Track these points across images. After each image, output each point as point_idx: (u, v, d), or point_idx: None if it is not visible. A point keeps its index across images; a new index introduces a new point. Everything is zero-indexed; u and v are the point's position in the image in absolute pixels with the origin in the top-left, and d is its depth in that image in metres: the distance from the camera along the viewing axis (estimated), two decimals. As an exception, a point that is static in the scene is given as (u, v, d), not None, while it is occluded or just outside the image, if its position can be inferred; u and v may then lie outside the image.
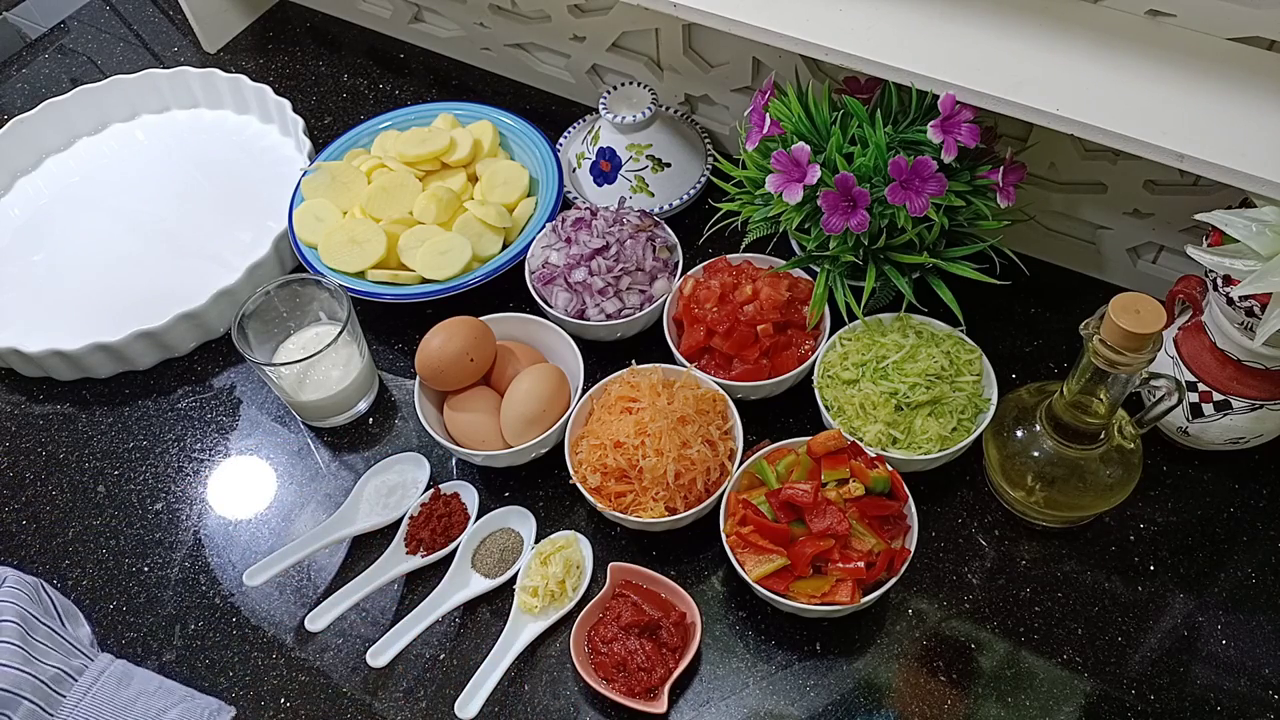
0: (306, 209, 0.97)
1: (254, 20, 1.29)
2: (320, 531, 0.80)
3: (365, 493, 0.84)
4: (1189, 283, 0.76)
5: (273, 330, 0.89)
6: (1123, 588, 0.76)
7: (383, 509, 0.83)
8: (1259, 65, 0.72)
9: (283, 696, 0.75)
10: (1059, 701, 0.71)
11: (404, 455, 0.86)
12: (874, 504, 0.71)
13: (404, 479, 0.84)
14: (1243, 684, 0.71)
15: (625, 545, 0.81)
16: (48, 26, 1.33)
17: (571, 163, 1.03)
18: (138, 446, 0.91)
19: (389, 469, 0.85)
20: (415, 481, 0.84)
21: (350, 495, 0.83)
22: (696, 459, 0.76)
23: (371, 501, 0.83)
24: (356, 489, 0.83)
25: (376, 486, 0.84)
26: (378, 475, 0.85)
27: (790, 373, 0.82)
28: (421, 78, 1.20)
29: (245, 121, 1.15)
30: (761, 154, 0.82)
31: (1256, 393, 0.73)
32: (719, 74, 1.00)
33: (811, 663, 0.74)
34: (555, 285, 0.89)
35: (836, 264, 0.81)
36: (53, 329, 0.95)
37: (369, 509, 0.83)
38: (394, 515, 0.82)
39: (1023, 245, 0.92)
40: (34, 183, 1.11)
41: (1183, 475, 0.81)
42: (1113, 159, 0.83)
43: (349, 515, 0.82)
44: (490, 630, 0.77)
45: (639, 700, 0.71)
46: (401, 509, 0.82)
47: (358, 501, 0.83)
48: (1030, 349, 0.89)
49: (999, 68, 0.74)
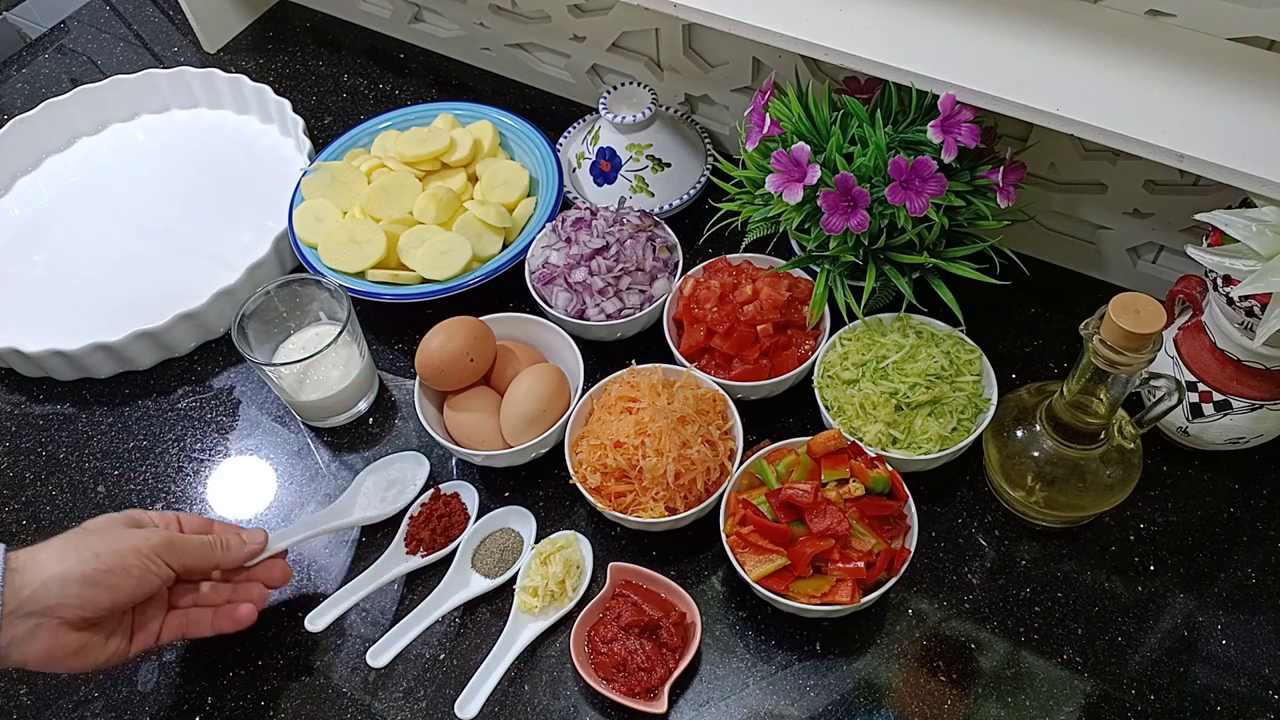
0: (306, 209, 0.97)
1: (254, 20, 1.29)
2: (315, 520, 0.79)
3: (364, 487, 0.83)
4: (1189, 283, 0.76)
5: (273, 330, 0.89)
6: (1123, 588, 0.76)
7: (380, 502, 0.82)
8: (1259, 65, 0.72)
9: (283, 696, 0.75)
10: (1059, 701, 0.71)
11: (404, 454, 0.86)
12: (874, 504, 0.71)
13: (403, 475, 0.84)
14: (1243, 684, 0.71)
15: (625, 545, 0.81)
16: (48, 26, 1.33)
17: (571, 163, 1.03)
18: (138, 446, 0.91)
19: (389, 466, 0.85)
20: (414, 478, 0.84)
21: (348, 489, 0.83)
22: (696, 459, 0.76)
23: (370, 495, 0.83)
24: (355, 483, 0.83)
25: (375, 481, 0.84)
26: (376, 472, 0.84)
27: (790, 373, 0.82)
28: (421, 78, 1.20)
29: (245, 121, 1.15)
30: (761, 154, 0.82)
31: (1256, 393, 0.73)
32: (719, 74, 1.00)
33: (811, 663, 0.74)
34: (555, 285, 0.89)
35: (836, 264, 0.81)
36: (53, 329, 0.95)
37: (366, 502, 0.82)
38: (391, 509, 0.82)
39: (1023, 245, 0.92)
40: (34, 183, 1.11)
41: (1183, 475, 0.81)
42: (1113, 159, 0.83)
43: (346, 507, 0.82)
44: (490, 630, 0.77)
45: (639, 700, 0.71)
46: (399, 503, 0.82)
47: (355, 495, 0.83)
48: (1030, 349, 0.89)
49: (999, 68, 0.74)
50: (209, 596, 0.73)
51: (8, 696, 0.77)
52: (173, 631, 0.71)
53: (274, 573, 0.76)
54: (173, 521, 0.72)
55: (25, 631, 0.62)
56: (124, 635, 0.68)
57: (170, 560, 0.68)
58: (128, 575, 0.65)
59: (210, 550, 0.71)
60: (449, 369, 0.82)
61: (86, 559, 0.64)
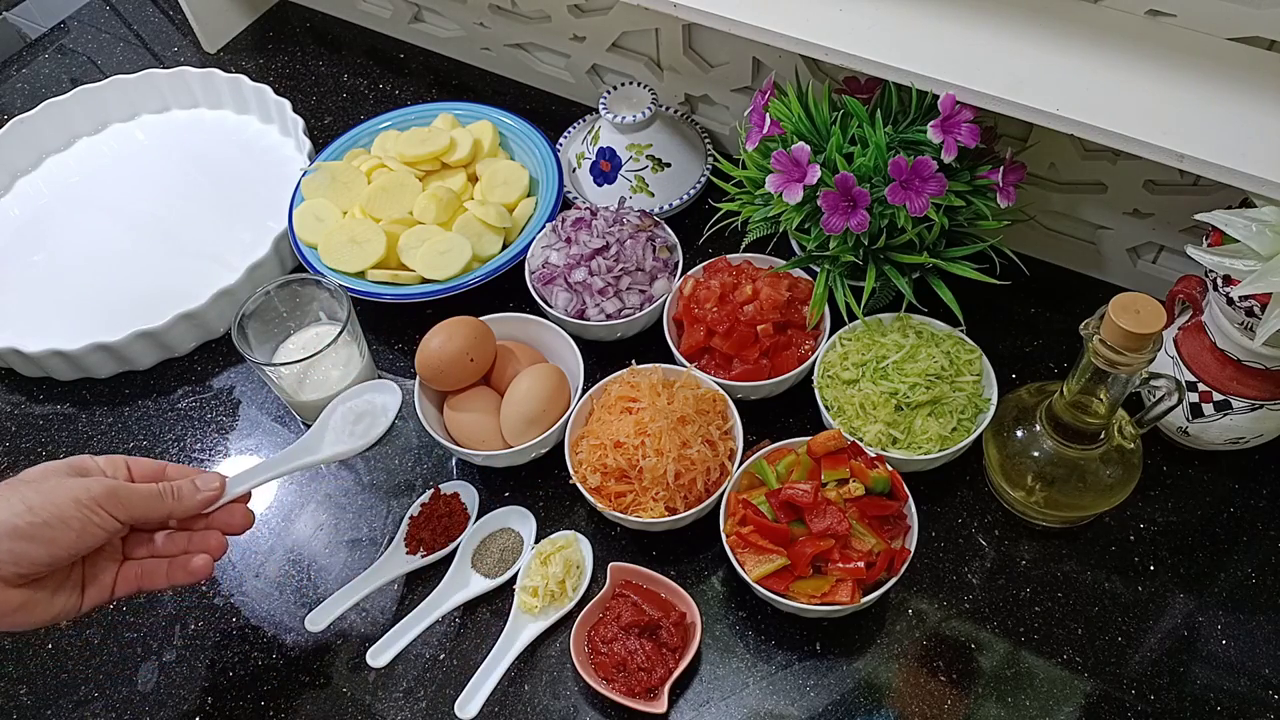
0: (306, 209, 0.97)
1: (254, 20, 1.29)
2: (280, 459, 0.74)
3: (332, 420, 0.77)
4: (1189, 283, 0.76)
5: (273, 330, 0.89)
6: (1123, 588, 0.76)
7: (349, 436, 0.76)
8: (1259, 65, 0.72)
9: (283, 696, 0.75)
10: (1059, 701, 0.71)
11: (373, 382, 0.79)
12: (874, 504, 0.71)
13: (372, 406, 0.78)
14: (1243, 684, 0.71)
15: (625, 545, 0.81)
16: (48, 26, 1.33)
17: (571, 163, 1.03)
18: (138, 446, 0.91)
19: (357, 395, 0.79)
20: (385, 409, 0.78)
21: (315, 423, 0.77)
22: (696, 459, 0.76)
23: (338, 430, 0.77)
24: (322, 417, 0.77)
25: (344, 414, 0.78)
26: (344, 402, 0.78)
27: (790, 373, 0.82)
28: (421, 78, 1.20)
29: (245, 121, 1.15)
30: (761, 154, 0.82)
31: (1256, 393, 0.73)
32: (719, 74, 1.00)
33: (811, 663, 0.74)
34: (555, 285, 0.89)
35: (836, 264, 0.81)
36: (53, 329, 0.95)
37: (335, 437, 0.76)
38: (362, 444, 0.76)
39: (1023, 245, 0.92)
40: (34, 183, 1.11)
41: (1183, 475, 0.81)
42: (1113, 159, 0.83)
43: (314, 442, 0.76)
44: (490, 630, 0.77)
45: (639, 700, 0.71)
46: (370, 437, 0.76)
47: (324, 429, 0.77)
48: (1030, 349, 0.89)
49: (999, 68, 0.74)
50: (164, 547, 0.68)
51: (8, 696, 0.77)
52: (128, 584, 0.67)
53: (234, 519, 0.70)
54: (120, 466, 0.67)
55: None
56: (73, 590, 0.64)
57: (115, 511, 0.62)
58: (66, 528, 0.60)
59: (160, 500, 0.66)
60: (449, 369, 0.82)
61: (19, 511, 0.59)
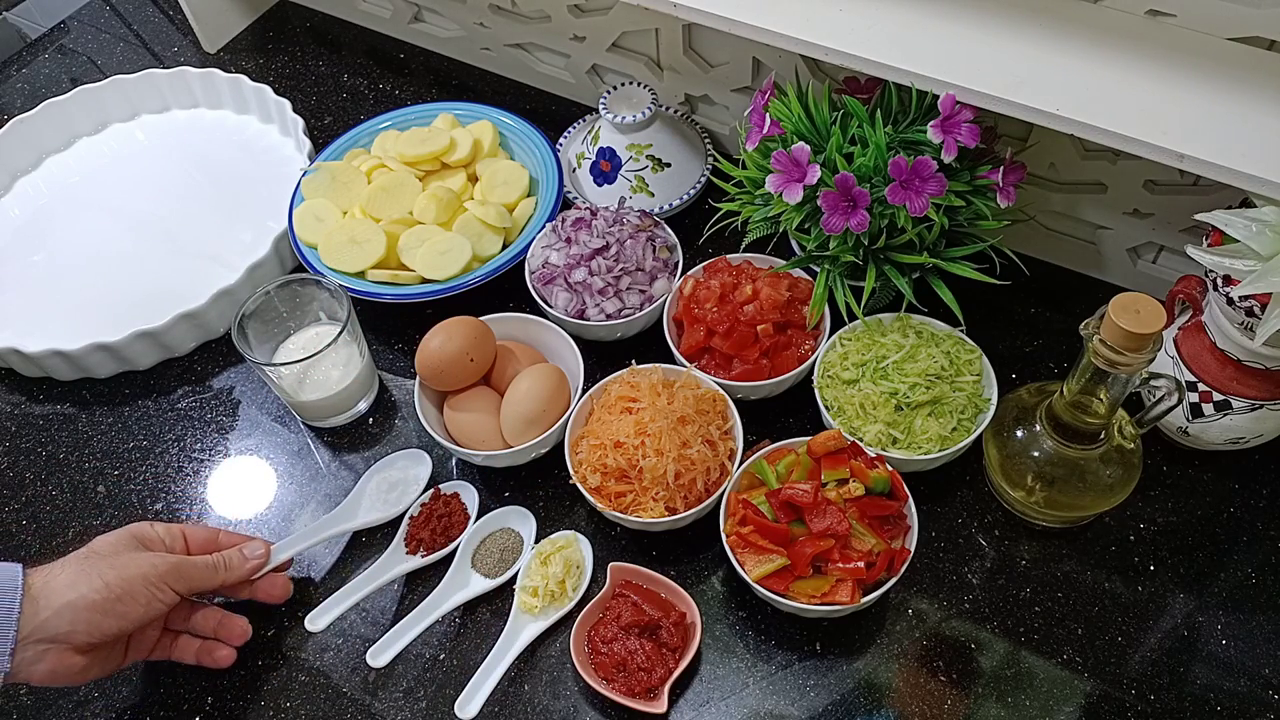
0: (306, 209, 0.97)
1: (254, 20, 1.29)
2: (319, 526, 0.80)
3: (367, 490, 0.84)
4: (1189, 283, 0.76)
5: (273, 330, 0.89)
6: (1123, 588, 0.76)
7: (383, 505, 0.83)
8: (1259, 65, 0.72)
9: (283, 696, 0.75)
10: (1059, 701, 0.71)
11: (404, 452, 0.86)
12: (874, 504, 0.71)
13: (405, 475, 0.84)
14: (1243, 684, 0.71)
15: (625, 545, 0.81)
16: (48, 26, 1.33)
17: (571, 163, 1.03)
18: (138, 446, 0.91)
19: (390, 466, 0.85)
20: (416, 478, 0.84)
21: (352, 492, 0.83)
22: (696, 459, 0.76)
23: (373, 498, 0.83)
24: (359, 486, 0.83)
25: (378, 484, 0.84)
26: (379, 473, 0.85)
27: (790, 373, 0.82)
28: (421, 78, 1.20)
29: (245, 121, 1.15)
30: (761, 154, 0.82)
31: (1256, 393, 0.73)
32: (719, 74, 1.00)
33: (811, 663, 0.74)
34: (555, 285, 0.89)
35: (836, 264, 0.81)
36: (53, 329, 0.95)
37: (370, 505, 0.83)
38: (394, 511, 0.82)
39: (1023, 245, 0.92)
40: (34, 183, 1.11)
41: (1183, 475, 0.81)
42: (1113, 159, 0.83)
43: (350, 511, 0.82)
44: (490, 630, 0.77)
45: (639, 700, 0.71)
46: (401, 505, 0.82)
47: (360, 498, 0.83)
48: (1030, 349, 0.89)
49: (999, 68, 0.74)
50: (198, 624, 0.75)
51: (8, 696, 0.77)
52: (164, 651, 0.74)
53: (275, 589, 0.77)
54: (179, 537, 0.74)
55: (35, 655, 0.64)
56: (120, 653, 0.71)
57: (176, 586, 0.69)
58: (135, 602, 0.67)
59: (215, 572, 0.73)
60: (449, 369, 0.82)
61: (98, 587, 0.65)
